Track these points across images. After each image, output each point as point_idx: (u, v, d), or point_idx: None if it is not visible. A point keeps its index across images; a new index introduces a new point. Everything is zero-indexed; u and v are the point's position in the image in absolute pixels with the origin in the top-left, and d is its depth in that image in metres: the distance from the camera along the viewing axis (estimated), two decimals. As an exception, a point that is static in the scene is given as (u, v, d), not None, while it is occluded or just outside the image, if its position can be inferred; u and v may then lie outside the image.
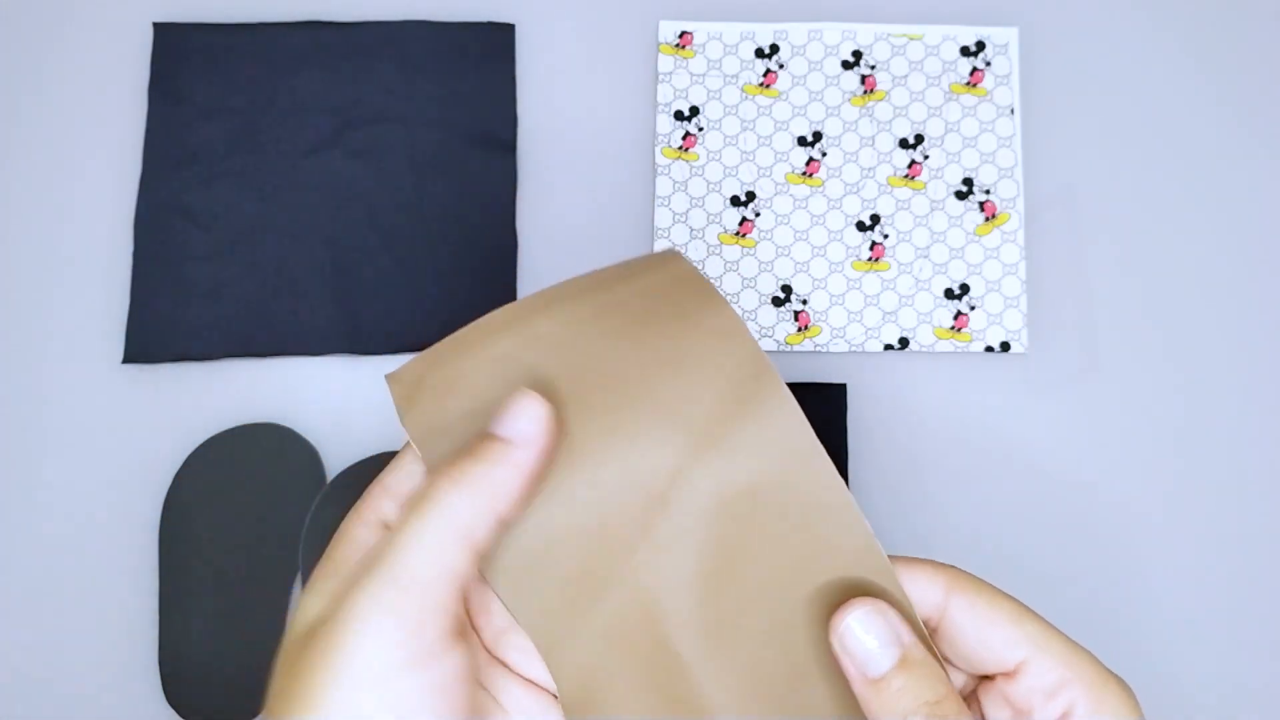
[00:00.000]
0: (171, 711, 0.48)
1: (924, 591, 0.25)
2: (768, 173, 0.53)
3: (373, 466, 0.49)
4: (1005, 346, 0.51)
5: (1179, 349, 0.52)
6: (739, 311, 0.52)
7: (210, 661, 0.48)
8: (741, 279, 0.52)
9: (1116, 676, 0.25)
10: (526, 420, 0.24)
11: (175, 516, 0.49)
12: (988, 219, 0.53)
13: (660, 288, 0.27)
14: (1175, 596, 0.50)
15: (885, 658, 0.24)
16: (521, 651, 0.26)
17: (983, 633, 0.25)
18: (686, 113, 0.53)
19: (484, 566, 0.25)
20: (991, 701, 0.26)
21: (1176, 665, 0.49)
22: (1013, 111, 0.53)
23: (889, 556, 0.25)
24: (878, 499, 0.50)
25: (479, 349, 0.26)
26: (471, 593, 0.26)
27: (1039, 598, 0.31)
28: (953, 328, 0.52)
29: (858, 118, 0.53)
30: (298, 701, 0.22)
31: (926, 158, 0.53)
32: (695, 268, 0.27)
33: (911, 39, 0.54)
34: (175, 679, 0.48)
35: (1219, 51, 0.55)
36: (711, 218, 0.53)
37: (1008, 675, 0.25)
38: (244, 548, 0.49)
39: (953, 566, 0.26)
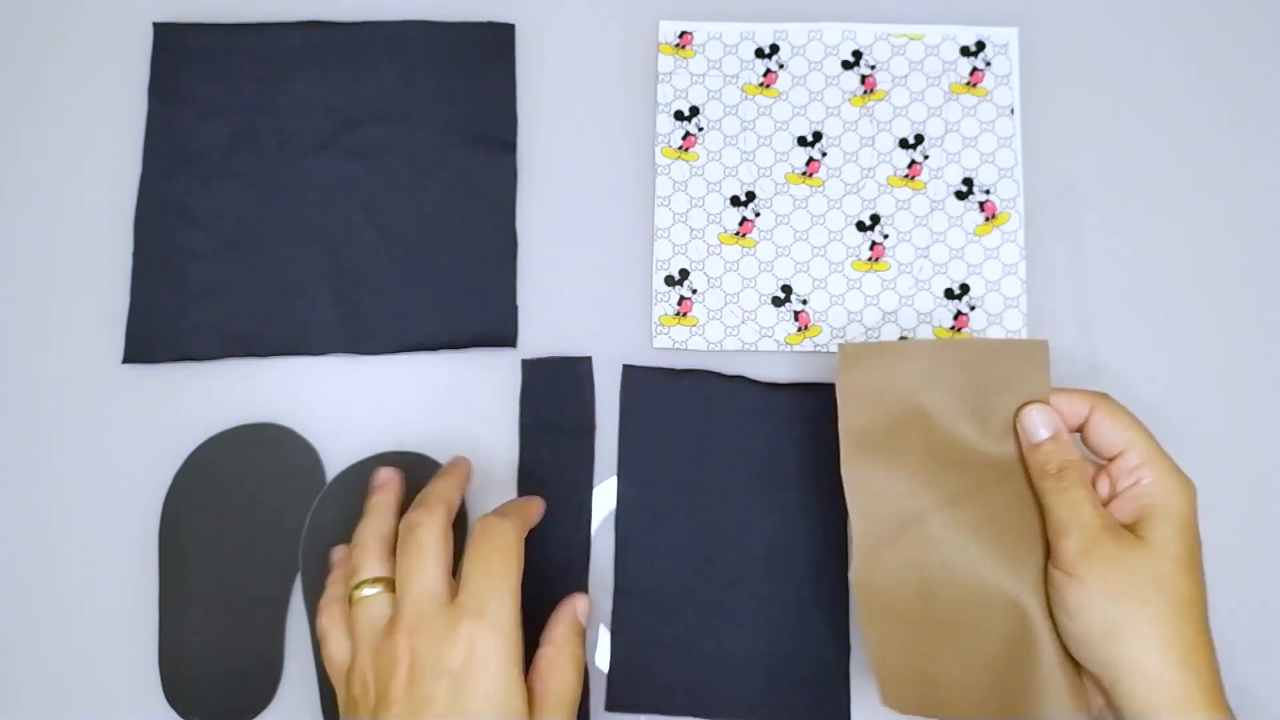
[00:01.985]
0: (171, 710, 0.48)
1: (1076, 406, 0.42)
2: (768, 173, 0.53)
3: (372, 466, 0.50)
4: (1005, 346, 0.51)
5: (1179, 348, 0.52)
6: (740, 313, 0.52)
7: (210, 660, 0.48)
8: (741, 279, 0.52)
9: (1185, 478, 0.40)
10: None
11: (175, 517, 0.49)
12: (988, 219, 0.53)
13: (1021, 385, 0.43)
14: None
15: (1042, 431, 0.42)
16: None
17: (1102, 433, 0.42)
18: (686, 113, 0.53)
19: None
20: (1102, 480, 0.42)
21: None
22: (1013, 111, 0.53)
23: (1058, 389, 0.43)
24: (878, 499, 0.50)
25: (895, 359, 0.43)
26: None
27: (1039, 598, 0.31)
28: (953, 328, 0.52)
29: (858, 118, 0.53)
30: None
31: (926, 158, 0.53)
32: (1047, 370, 0.43)
33: (911, 39, 0.54)
34: (175, 678, 0.48)
35: (1219, 51, 0.55)
36: (711, 218, 0.53)
37: (1112, 459, 0.42)
38: (244, 547, 0.49)
39: (1103, 395, 0.42)
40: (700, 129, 0.53)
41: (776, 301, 0.52)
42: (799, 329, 0.51)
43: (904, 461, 0.43)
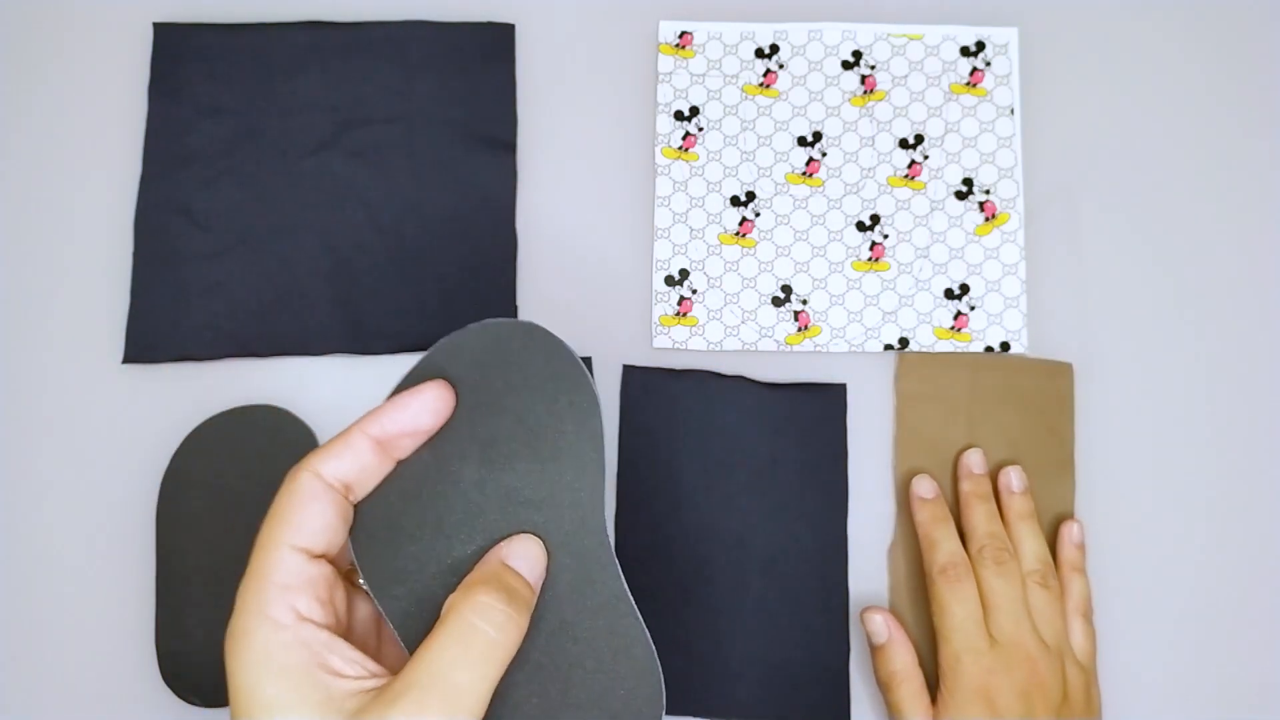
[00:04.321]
0: (168, 691, 0.48)
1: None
2: (768, 173, 0.53)
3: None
4: (1005, 346, 0.51)
5: (1179, 348, 0.52)
6: (740, 313, 0.52)
7: (206, 641, 0.48)
8: (741, 279, 0.52)
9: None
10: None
11: (172, 498, 0.49)
12: (987, 219, 0.53)
13: (1049, 400, 0.51)
14: (1172, 591, 0.50)
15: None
16: None
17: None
18: (686, 113, 0.53)
19: None
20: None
21: (1177, 651, 0.49)
22: (1012, 111, 0.53)
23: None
24: (877, 499, 0.50)
25: (941, 369, 0.51)
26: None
27: (1039, 598, 0.31)
28: (953, 328, 0.52)
29: (858, 118, 0.53)
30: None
31: (926, 158, 0.53)
32: (1072, 391, 0.51)
33: (911, 39, 0.54)
34: (171, 658, 0.48)
35: (1218, 51, 0.55)
36: (711, 218, 0.53)
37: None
38: (239, 527, 0.49)
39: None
40: (700, 129, 0.53)
41: (776, 301, 0.52)
42: (799, 329, 0.51)
43: (946, 456, 0.50)
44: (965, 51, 0.54)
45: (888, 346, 0.51)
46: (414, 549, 0.31)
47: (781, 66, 0.54)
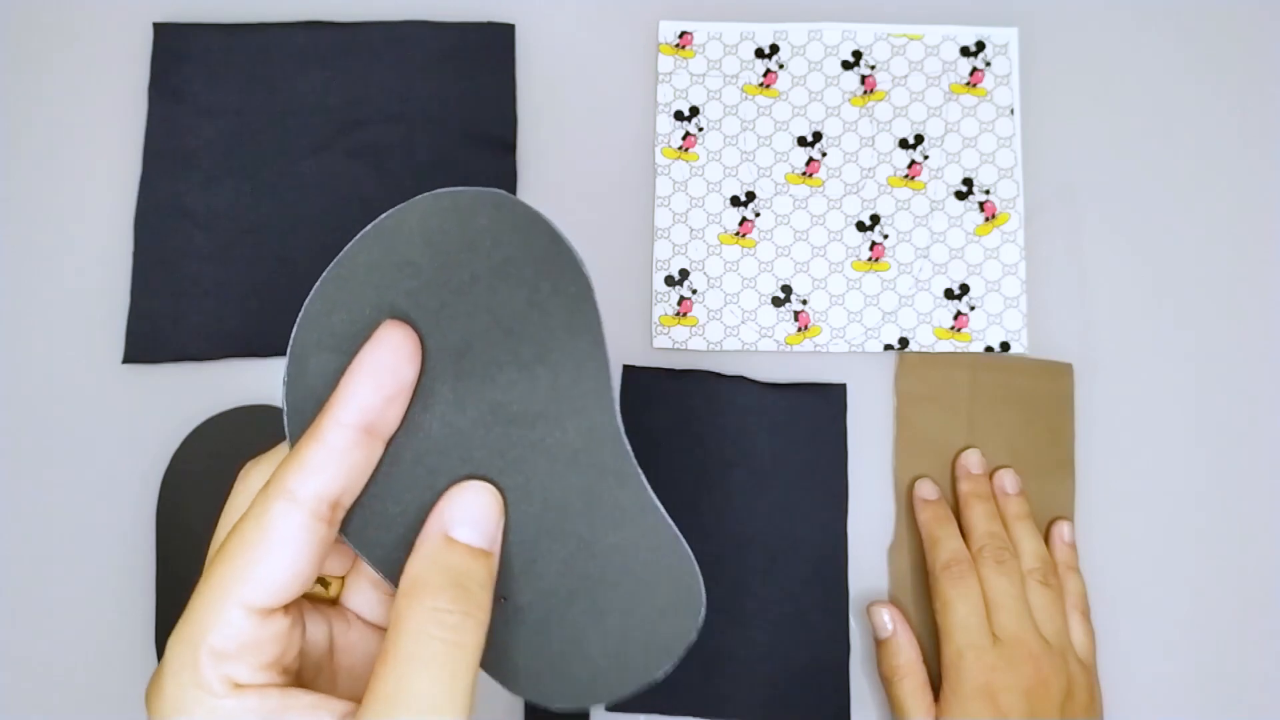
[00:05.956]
0: None
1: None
2: (768, 173, 0.53)
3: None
4: (1005, 346, 0.51)
5: (1178, 348, 0.52)
6: (740, 313, 0.52)
7: None
8: (741, 279, 0.52)
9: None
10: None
11: (172, 498, 0.49)
12: (987, 219, 0.53)
13: (1049, 400, 0.51)
14: (1172, 591, 0.50)
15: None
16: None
17: None
18: (686, 113, 0.53)
19: None
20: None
21: (1176, 651, 0.49)
22: (1012, 111, 0.53)
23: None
24: (877, 499, 0.50)
25: (944, 369, 0.51)
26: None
27: (1039, 598, 0.31)
28: (953, 328, 0.52)
29: (858, 118, 0.53)
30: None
31: (926, 158, 0.53)
32: (1072, 391, 0.51)
33: (911, 39, 0.54)
34: None
35: (1218, 51, 0.55)
36: (711, 218, 0.53)
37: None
38: None
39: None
40: (700, 129, 0.53)
41: (776, 301, 0.52)
42: (799, 329, 0.51)
43: (946, 456, 0.50)
44: (965, 51, 0.54)
45: (888, 346, 0.51)
46: (392, 489, 0.26)
47: (781, 66, 0.54)
